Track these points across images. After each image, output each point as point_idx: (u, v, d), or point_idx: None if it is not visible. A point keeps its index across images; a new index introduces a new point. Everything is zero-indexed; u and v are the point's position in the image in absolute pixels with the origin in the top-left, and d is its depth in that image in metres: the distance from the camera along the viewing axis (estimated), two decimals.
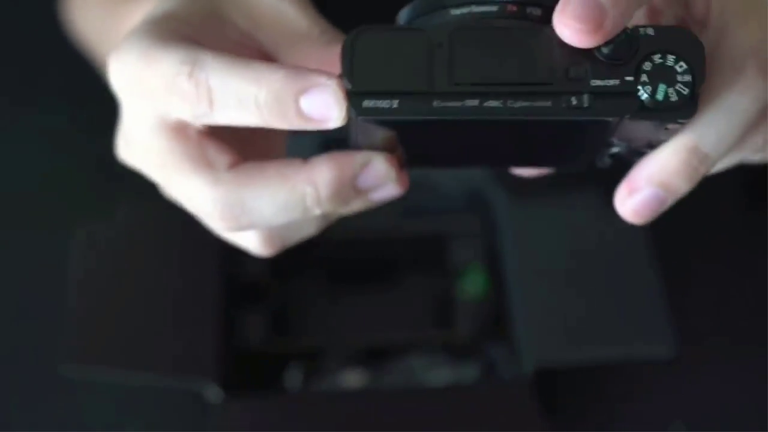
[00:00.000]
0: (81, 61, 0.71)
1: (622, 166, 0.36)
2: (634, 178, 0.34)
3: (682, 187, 0.34)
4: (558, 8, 0.30)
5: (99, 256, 0.57)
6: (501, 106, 0.30)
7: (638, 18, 0.33)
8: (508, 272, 0.57)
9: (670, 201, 0.35)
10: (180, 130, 0.35)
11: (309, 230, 0.39)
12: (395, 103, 0.30)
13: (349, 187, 0.35)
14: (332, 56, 0.33)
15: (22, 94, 0.73)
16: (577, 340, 0.54)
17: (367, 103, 0.30)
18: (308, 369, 0.58)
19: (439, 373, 0.58)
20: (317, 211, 0.35)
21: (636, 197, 0.34)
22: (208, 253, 0.58)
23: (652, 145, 0.33)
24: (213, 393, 0.53)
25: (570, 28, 0.29)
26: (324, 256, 0.63)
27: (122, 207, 0.58)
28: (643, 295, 0.55)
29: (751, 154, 0.36)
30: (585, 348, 0.53)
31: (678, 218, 0.65)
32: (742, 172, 0.65)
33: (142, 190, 0.68)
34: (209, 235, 0.59)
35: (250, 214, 0.35)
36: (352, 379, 0.57)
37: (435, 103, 0.30)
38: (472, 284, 0.60)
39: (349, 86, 0.30)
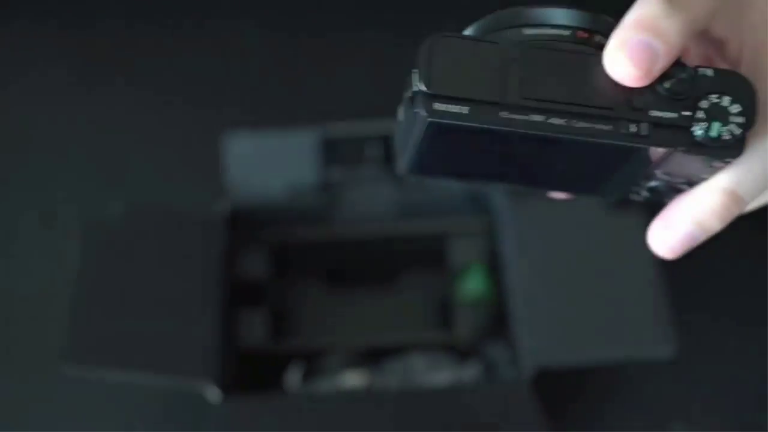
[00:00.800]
0: (83, 58, 0.71)
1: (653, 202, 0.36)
2: (670, 215, 0.35)
3: (715, 226, 0.35)
4: (610, 48, 0.31)
5: (99, 256, 0.57)
6: (564, 124, 0.31)
7: None
8: (508, 272, 0.57)
9: (701, 239, 0.36)
10: None
11: None
12: (465, 110, 0.31)
13: None
14: None
15: (23, 92, 0.73)
16: (578, 341, 0.54)
17: (439, 106, 0.31)
18: (308, 369, 0.58)
19: (439, 374, 0.58)
20: None
21: (671, 233, 0.35)
22: (208, 253, 0.58)
23: (692, 183, 0.35)
24: (212, 393, 0.53)
25: (621, 71, 0.31)
26: (324, 257, 0.63)
27: (122, 207, 0.58)
28: (643, 295, 0.55)
29: None
30: (585, 348, 0.53)
31: None
32: None
33: (142, 189, 0.68)
34: (209, 236, 0.59)
35: None
36: (352, 379, 0.57)
37: (502, 114, 0.31)
38: (473, 285, 0.60)
39: (424, 88, 0.31)
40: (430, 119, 0.31)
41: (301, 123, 0.62)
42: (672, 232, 0.35)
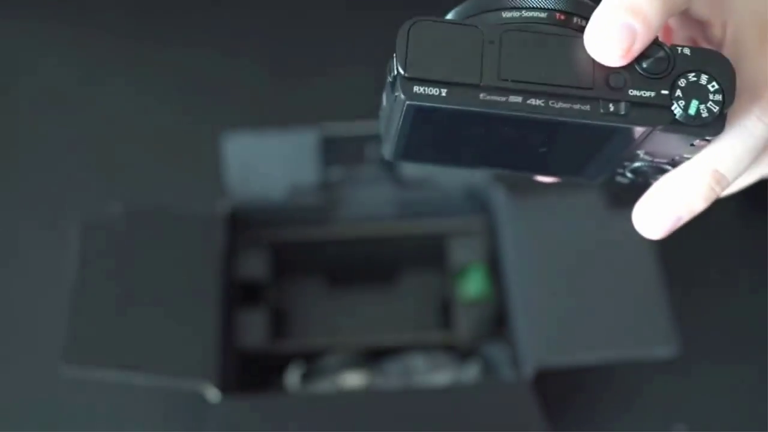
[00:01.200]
0: (83, 58, 0.71)
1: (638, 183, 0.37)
2: (653, 195, 0.35)
3: (698, 206, 0.35)
4: (590, 28, 0.31)
5: (99, 256, 0.57)
6: (542, 105, 0.31)
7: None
8: (508, 272, 0.57)
9: (685, 219, 0.36)
10: None
11: None
12: (444, 92, 0.31)
13: None
14: None
15: (22, 92, 0.73)
16: (578, 341, 0.54)
17: (418, 89, 0.31)
18: (308, 369, 0.58)
19: (439, 374, 0.57)
20: None
21: (654, 214, 0.36)
22: (208, 253, 0.58)
23: (674, 163, 0.35)
24: (212, 393, 0.53)
25: (600, 51, 0.31)
26: (324, 257, 0.63)
27: (122, 207, 0.58)
28: (644, 295, 0.55)
29: (764, 175, 0.37)
30: (585, 348, 0.53)
31: None
32: None
33: (141, 190, 0.68)
34: (209, 236, 0.59)
35: None
36: (352, 379, 0.57)
37: (481, 96, 0.31)
38: (473, 284, 0.60)
39: (403, 72, 0.31)
40: (408, 102, 0.31)
41: (301, 123, 0.62)
42: (655, 213, 0.36)
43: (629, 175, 0.37)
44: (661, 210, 0.35)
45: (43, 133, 0.71)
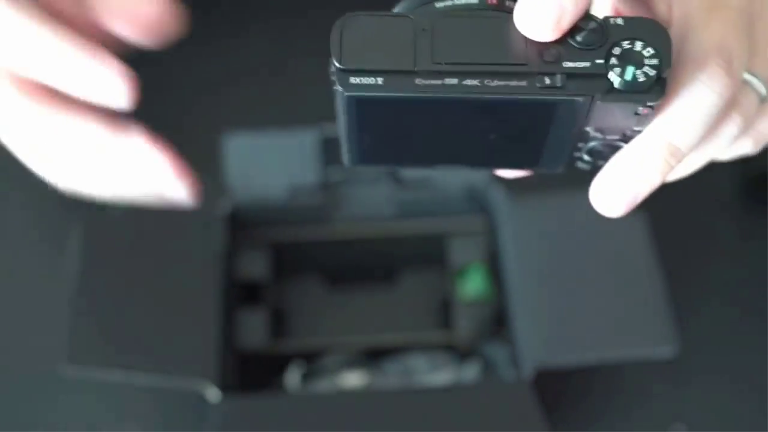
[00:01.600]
0: None
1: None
2: (608, 173, 0.35)
3: (654, 180, 0.35)
4: (518, 6, 0.32)
5: (98, 256, 0.57)
6: (479, 84, 0.31)
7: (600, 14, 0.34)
8: (508, 272, 0.57)
9: (643, 194, 0.35)
10: None
11: None
12: (380, 80, 0.31)
13: None
14: None
15: None
16: (578, 341, 0.54)
17: (354, 80, 0.32)
18: (308, 369, 0.58)
19: (439, 374, 0.58)
20: None
21: (611, 191, 0.35)
22: (208, 253, 0.58)
23: (627, 138, 0.35)
24: (212, 393, 0.53)
25: (530, 27, 0.31)
26: (324, 256, 0.63)
27: (121, 207, 0.58)
28: (644, 295, 0.55)
29: (721, 150, 0.37)
30: (585, 348, 0.53)
31: (678, 218, 0.65)
32: (742, 173, 0.65)
33: None
34: (209, 236, 0.59)
35: None
36: (352, 379, 0.57)
37: (417, 81, 0.32)
38: (473, 285, 0.60)
39: (338, 65, 0.32)
40: (347, 94, 0.32)
41: (301, 123, 0.62)
42: (612, 191, 0.36)
43: (587, 158, 0.37)
44: (618, 188, 0.35)
45: None
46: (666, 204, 0.64)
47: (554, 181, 0.46)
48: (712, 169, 0.41)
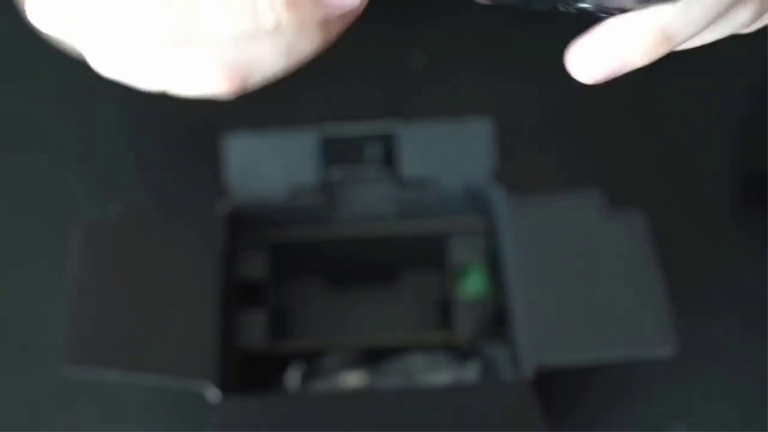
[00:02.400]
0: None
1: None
2: (594, 39, 0.34)
3: (638, 62, 0.34)
4: None
5: (98, 256, 0.57)
6: None
7: None
8: (508, 272, 0.57)
9: (622, 71, 0.34)
10: None
11: (273, 62, 0.37)
12: None
13: None
14: None
15: (21, 93, 0.73)
16: (578, 341, 0.54)
17: None
18: (308, 369, 0.58)
19: (438, 374, 0.57)
20: (270, 21, 0.32)
21: (591, 59, 0.34)
22: (208, 253, 0.58)
23: (624, 10, 0.33)
24: (212, 393, 0.53)
25: None
26: (324, 257, 0.63)
27: (121, 207, 0.58)
28: (644, 295, 0.55)
29: (738, 29, 0.35)
30: (585, 348, 0.53)
31: (678, 218, 0.65)
32: (741, 172, 0.65)
33: (141, 190, 0.68)
34: (209, 236, 0.59)
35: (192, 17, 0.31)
36: (352, 379, 0.57)
37: None
38: (473, 284, 0.60)
39: None
40: None
41: (301, 123, 0.62)
42: (593, 58, 0.34)
43: (572, 10, 0.35)
44: (597, 53, 0.34)
45: (42, 133, 0.71)
46: (666, 204, 0.64)
47: (554, 182, 0.46)
48: (712, 169, 0.41)
